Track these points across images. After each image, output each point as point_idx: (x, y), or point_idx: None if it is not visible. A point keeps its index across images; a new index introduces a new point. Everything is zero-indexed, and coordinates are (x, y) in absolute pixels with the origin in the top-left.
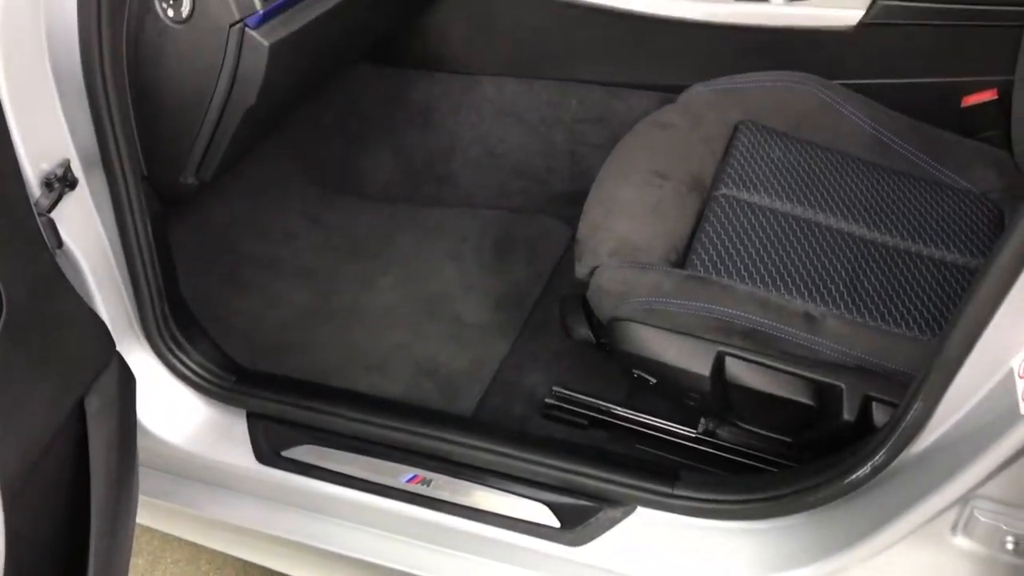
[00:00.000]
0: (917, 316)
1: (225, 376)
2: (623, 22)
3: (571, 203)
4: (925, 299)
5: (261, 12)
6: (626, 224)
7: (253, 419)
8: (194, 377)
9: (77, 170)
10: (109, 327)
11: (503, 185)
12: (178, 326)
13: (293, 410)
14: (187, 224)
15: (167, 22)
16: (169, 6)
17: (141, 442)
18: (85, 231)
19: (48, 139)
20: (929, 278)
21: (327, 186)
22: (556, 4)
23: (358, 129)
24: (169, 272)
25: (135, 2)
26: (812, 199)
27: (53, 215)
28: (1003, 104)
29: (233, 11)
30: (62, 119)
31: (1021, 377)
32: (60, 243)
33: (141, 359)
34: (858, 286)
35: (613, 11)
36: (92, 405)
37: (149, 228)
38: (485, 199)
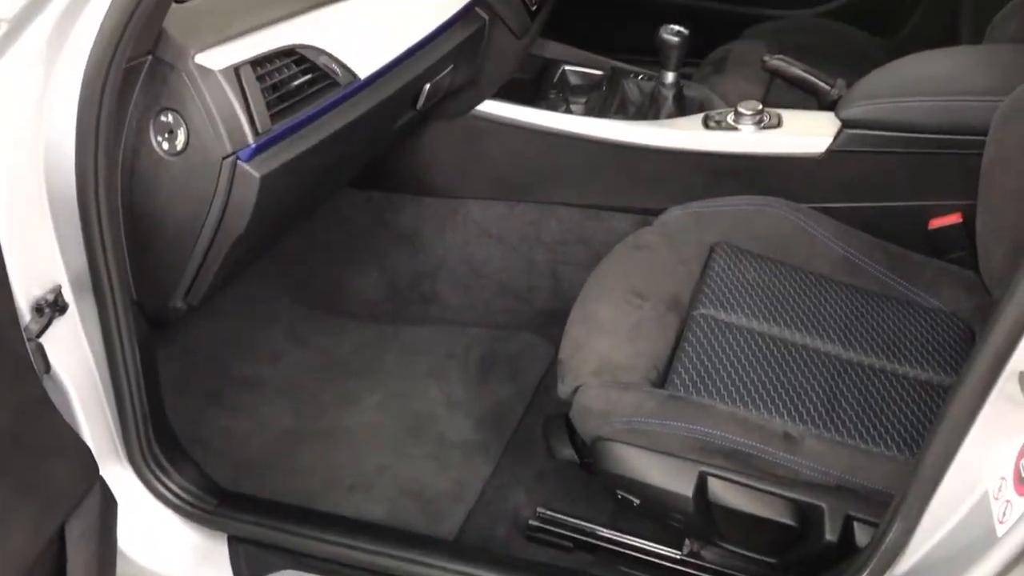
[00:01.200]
0: (895, 435)
1: (207, 499)
2: (602, 148)
3: (553, 321)
4: (902, 417)
5: (253, 145)
6: (607, 343)
7: (235, 543)
8: (176, 500)
9: (68, 295)
10: (93, 451)
11: (487, 304)
12: (161, 449)
13: (274, 534)
14: (173, 344)
15: (162, 155)
16: (164, 139)
17: (121, 568)
18: (73, 355)
19: (41, 265)
20: (905, 396)
21: (314, 306)
22: (537, 132)
23: (346, 250)
24: (155, 395)
25: (131, 136)
26: (788, 319)
27: (42, 340)
28: (968, 227)
29: (226, 145)
30: (56, 246)
31: (996, 499)
32: (48, 368)
33: (123, 481)
34: (835, 405)
35: (592, 139)
36: (73, 530)
37: (137, 352)
38: (470, 317)
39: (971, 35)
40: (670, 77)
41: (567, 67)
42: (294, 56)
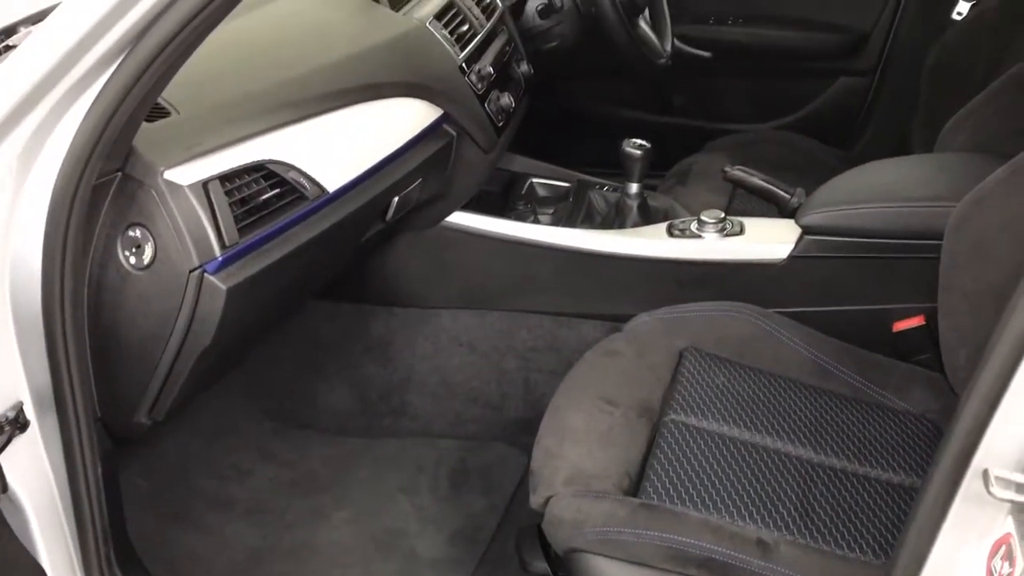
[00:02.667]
0: (869, 539)
1: None
2: (570, 257)
3: (526, 430)
4: (876, 521)
5: (220, 258)
6: (579, 451)
7: None
8: None
9: (29, 412)
10: (49, 574)
11: (459, 414)
12: (123, 571)
13: None
14: (140, 460)
15: (129, 269)
16: (132, 254)
17: None
18: (33, 474)
19: (2, 381)
20: (878, 500)
21: (282, 420)
22: (507, 241)
23: (315, 362)
24: (116, 514)
25: (99, 251)
26: (759, 423)
27: (1, 458)
28: (931, 330)
29: (193, 258)
30: (19, 363)
31: None
32: (5, 487)
33: None
34: (809, 510)
35: (560, 247)
36: None
37: (99, 470)
38: (441, 428)
39: (922, 146)
40: (634, 188)
41: (534, 180)
42: (263, 171)
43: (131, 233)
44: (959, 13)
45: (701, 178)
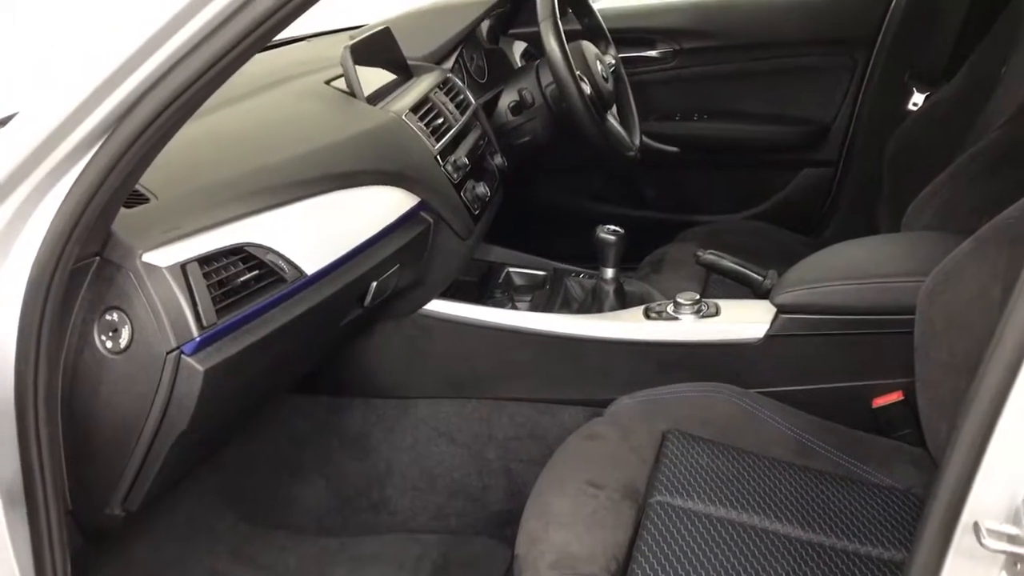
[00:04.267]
0: None
1: None
2: (549, 342)
3: (509, 522)
4: None
5: (198, 339)
6: (564, 535)
7: None
8: None
9: None
10: None
11: (440, 507)
12: None
13: None
14: (111, 568)
15: (105, 353)
16: (108, 338)
17: None
18: None
19: None
20: None
21: (258, 521)
22: (485, 328)
23: (290, 459)
24: None
25: (74, 336)
26: (745, 503)
27: None
28: (910, 404)
29: (170, 339)
30: None
31: None
32: None
33: None
34: None
35: (539, 333)
36: None
37: (68, 569)
38: (422, 523)
39: (889, 232)
40: (610, 273)
41: (510, 269)
42: (242, 254)
43: (108, 317)
44: (915, 104)
45: (674, 266)
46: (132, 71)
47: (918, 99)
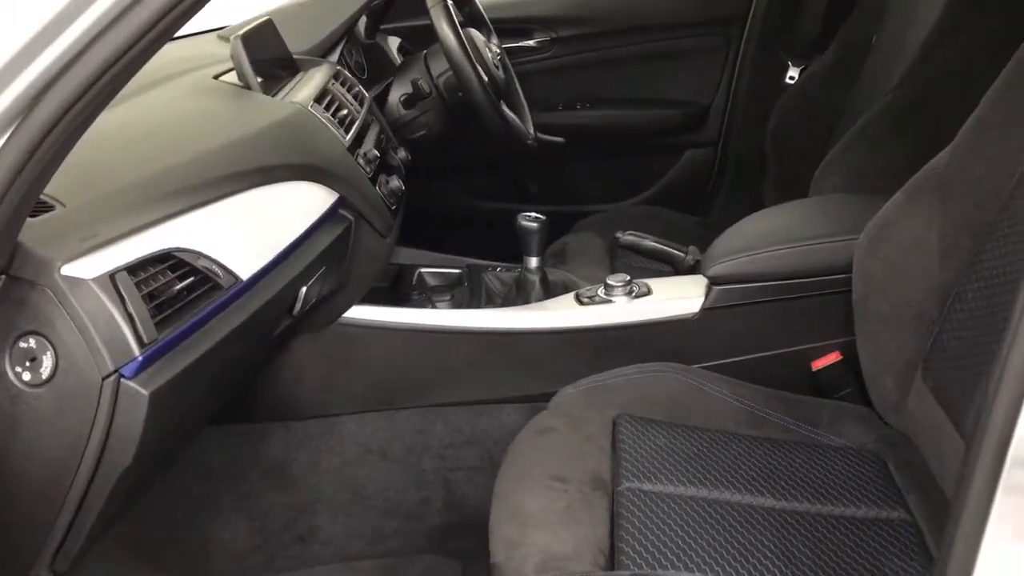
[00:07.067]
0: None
1: None
2: (480, 340)
3: (453, 536)
4: (857, 556)
5: (140, 358)
6: (544, 536)
7: None
8: None
9: None
10: None
11: (376, 529)
12: None
13: None
14: None
15: (22, 388)
16: (25, 369)
17: None
18: None
19: None
20: (850, 536)
21: (174, 571)
22: (411, 332)
23: (205, 498)
24: None
25: None
26: (713, 480)
27: None
28: (849, 364)
29: (106, 362)
30: None
31: None
32: None
33: None
34: (790, 558)
35: (469, 331)
36: None
37: None
38: (358, 549)
39: (775, 202)
40: (534, 262)
41: (422, 270)
42: (171, 260)
43: (23, 344)
44: (791, 78)
45: (579, 255)
46: (39, 52)
47: (794, 73)
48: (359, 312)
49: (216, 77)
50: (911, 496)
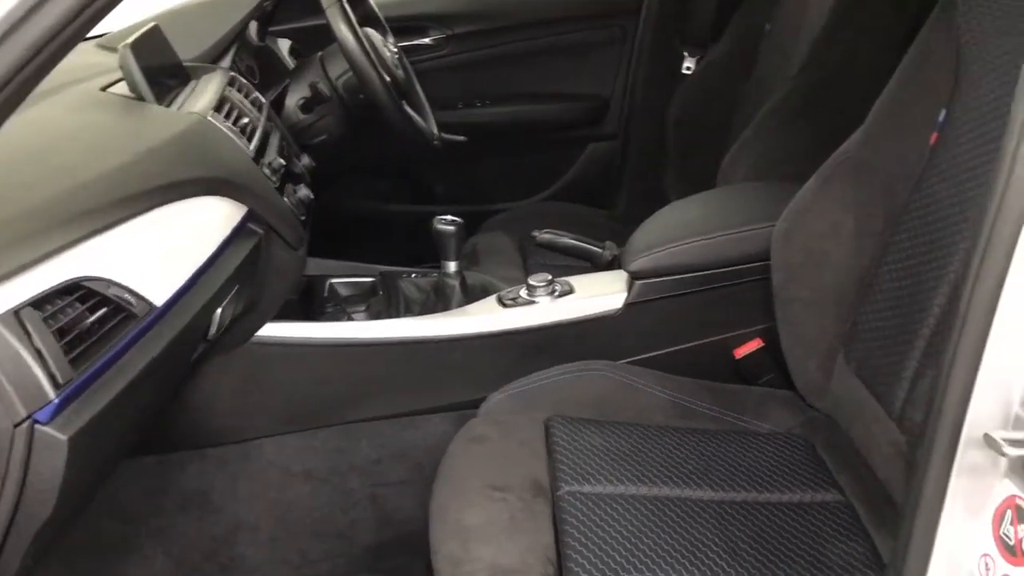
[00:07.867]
0: (801, 561)
1: None
2: (402, 350)
3: (385, 554)
4: (799, 543)
5: (56, 401)
6: (489, 549)
7: None
8: None
9: None
10: None
11: (303, 553)
12: None
13: None
14: None
15: None
16: None
17: None
18: None
19: None
20: (790, 522)
21: None
22: (328, 346)
23: (118, 536)
24: None
25: None
26: (649, 476)
27: None
28: (770, 349)
29: (17, 408)
30: None
31: None
32: None
33: None
34: (735, 550)
35: (389, 341)
36: None
37: None
38: None
39: (680, 193)
40: (452, 266)
41: (333, 280)
42: (80, 291)
43: None
44: (688, 68)
45: (490, 255)
46: None
47: (691, 63)
48: (272, 330)
49: (104, 89)
50: (841, 477)
